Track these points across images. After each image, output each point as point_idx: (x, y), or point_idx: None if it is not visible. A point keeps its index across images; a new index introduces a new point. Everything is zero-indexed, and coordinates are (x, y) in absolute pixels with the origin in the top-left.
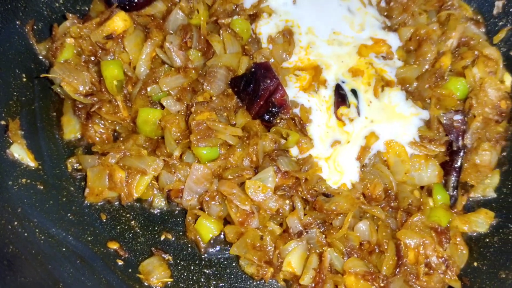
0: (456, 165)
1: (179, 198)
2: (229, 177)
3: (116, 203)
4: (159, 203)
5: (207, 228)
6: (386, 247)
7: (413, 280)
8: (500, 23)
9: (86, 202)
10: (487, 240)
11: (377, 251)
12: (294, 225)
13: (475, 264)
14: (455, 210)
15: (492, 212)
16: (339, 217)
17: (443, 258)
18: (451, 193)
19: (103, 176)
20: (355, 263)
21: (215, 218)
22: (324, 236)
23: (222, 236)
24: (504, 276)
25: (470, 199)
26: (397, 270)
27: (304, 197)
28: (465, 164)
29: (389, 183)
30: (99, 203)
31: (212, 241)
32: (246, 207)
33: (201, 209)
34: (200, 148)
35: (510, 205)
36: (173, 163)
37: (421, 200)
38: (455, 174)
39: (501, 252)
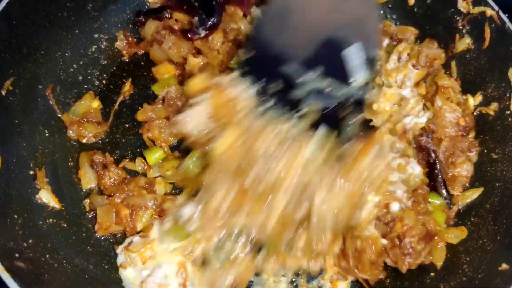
0: (436, 171)
1: None
2: None
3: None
4: None
5: None
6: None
7: (382, 236)
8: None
9: (102, 236)
10: None
11: None
12: None
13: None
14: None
15: (467, 230)
16: None
17: (411, 246)
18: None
19: (110, 213)
20: None
21: None
22: None
23: None
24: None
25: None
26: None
27: None
28: (449, 174)
29: None
30: (115, 237)
31: None
32: None
33: None
34: None
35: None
36: None
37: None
38: (439, 180)
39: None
